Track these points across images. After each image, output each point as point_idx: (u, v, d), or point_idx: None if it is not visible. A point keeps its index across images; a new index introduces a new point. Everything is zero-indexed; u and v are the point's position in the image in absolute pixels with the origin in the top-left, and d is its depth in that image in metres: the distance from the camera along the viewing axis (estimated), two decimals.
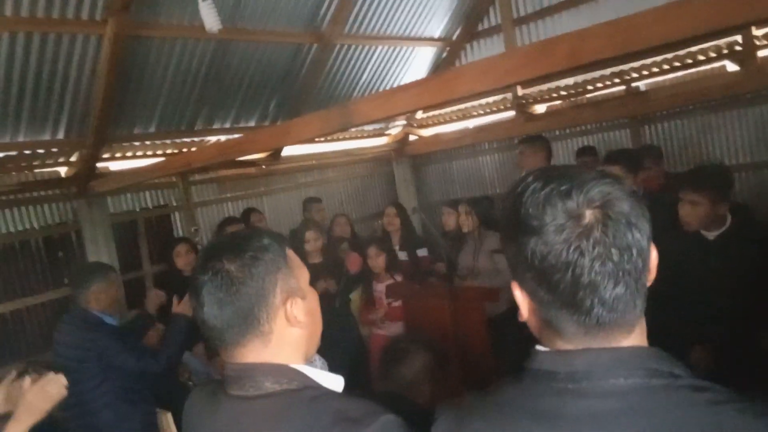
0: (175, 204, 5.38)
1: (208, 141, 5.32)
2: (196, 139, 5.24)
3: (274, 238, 1.15)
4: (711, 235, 2.65)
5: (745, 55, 4.69)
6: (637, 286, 0.79)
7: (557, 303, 0.81)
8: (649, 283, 0.83)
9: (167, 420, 3.00)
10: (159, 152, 5.07)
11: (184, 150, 5.19)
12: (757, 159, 5.05)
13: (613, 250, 0.77)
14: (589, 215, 0.78)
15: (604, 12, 5.20)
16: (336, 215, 5.49)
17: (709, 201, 2.58)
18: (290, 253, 1.16)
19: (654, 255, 0.83)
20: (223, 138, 5.31)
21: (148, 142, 4.93)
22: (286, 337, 1.10)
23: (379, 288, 4.39)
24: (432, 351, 2.28)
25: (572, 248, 0.77)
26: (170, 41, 4.33)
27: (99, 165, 4.73)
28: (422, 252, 5.04)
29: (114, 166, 4.91)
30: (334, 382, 1.12)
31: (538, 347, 0.87)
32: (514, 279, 0.88)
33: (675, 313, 2.51)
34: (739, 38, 4.64)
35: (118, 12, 3.76)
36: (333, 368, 2.25)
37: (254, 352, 1.08)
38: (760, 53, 4.68)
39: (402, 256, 4.91)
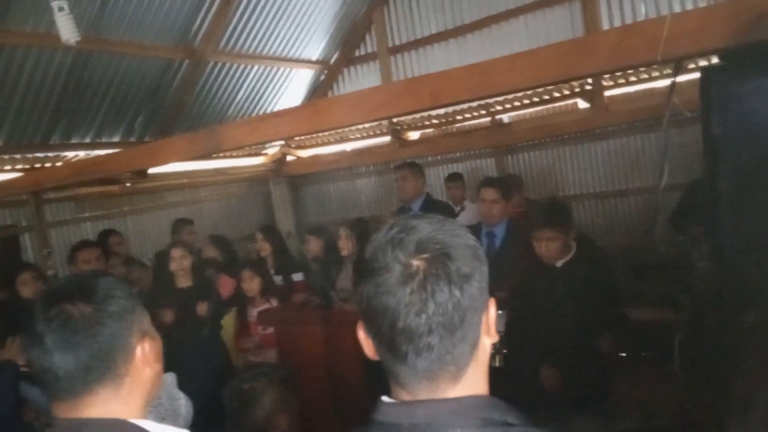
0: (24, 224, 4.91)
1: (66, 156, 4.94)
2: (51, 154, 4.85)
3: (117, 278, 1.12)
4: (559, 262, 2.87)
5: (594, 94, 5.18)
6: (454, 339, 0.82)
7: (382, 347, 0.84)
8: (492, 339, 0.88)
9: None
10: (8, 167, 4.62)
11: (37, 165, 4.77)
12: (604, 189, 5.56)
13: (429, 303, 0.80)
14: (415, 265, 0.81)
15: (471, 47, 5.53)
16: (206, 237, 5.29)
17: (563, 234, 2.81)
18: (133, 293, 1.12)
19: (491, 312, 0.88)
20: (82, 154, 4.96)
21: None
22: (139, 380, 1.05)
23: (254, 313, 4.27)
24: (275, 380, 2.26)
25: (391, 294, 0.80)
26: (23, 49, 4.00)
27: None
28: (297, 276, 4.97)
29: None
30: None
31: (384, 398, 0.89)
32: (360, 319, 0.89)
33: (527, 335, 2.70)
34: (589, 79, 5.12)
35: None
36: (198, 400, 2.16)
37: (103, 401, 1.02)
38: (608, 93, 5.19)
39: (278, 280, 4.82)
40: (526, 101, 5.45)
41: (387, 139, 6.32)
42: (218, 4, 4.79)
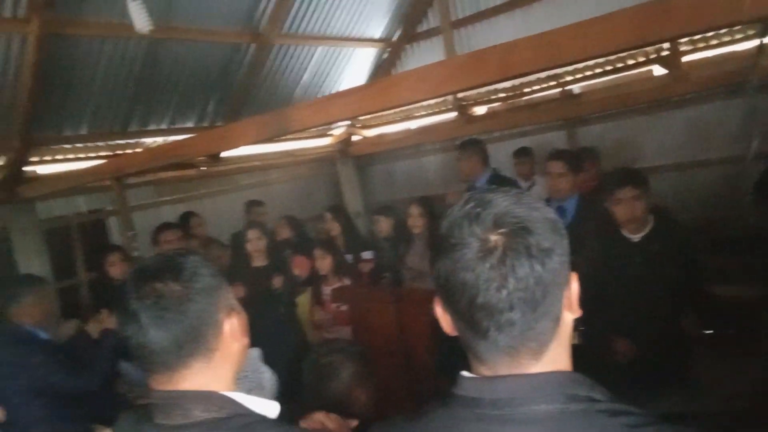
0: (110, 208, 5.20)
1: (144, 143, 5.17)
2: (130, 140, 5.08)
3: (200, 256, 1.14)
4: (635, 237, 2.76)
5: (671, 60, 4.90)
6: (536, 315, 0.80)
7: (461, 323, 0.84)
8: (574, 314, 0.86)
9: None
10: (92, 155, 4.89)
11: (118, 152, 5.02)
12: (683, 160, 5.29)
13: (510, 279, 0.78)
14: (493, 240, 0.80)
15: (537, 18, 5.35)
16: (280, 218, 5.42)
17: (645, 194, 2.70)
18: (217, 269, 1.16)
19: (574, 287, 0.86)
20: (159, 140, 5.17)
21: (79, 145, 4.74)
22: (228, 353, 1.10)
23: (327, 291, 4.36)
24: (352, 356, 2.30)
25: (469, 270, 0.80)
26: (99, 40, 4.18)
27: (27, 169, 4.52)
28: (367, 255, 5.03)
29: (43, 169, 4.70)
30: (268, 408, 1.10)
31: (464, 373, 0.89)
32: (437, 295, 0.90)
33: (601, 311, 2.62)
34: (665, 44, 4.85)
35: (42, 9, 3.61)
36: (276, 375, 2.24)
37: (195, 374, 1.06)
38: (685, 58, 4.90)
39: (348, 259, 4.89)
40: (598, 70, 5.23)
41: (453, 115, 6.24)
42: None
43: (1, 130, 4.16)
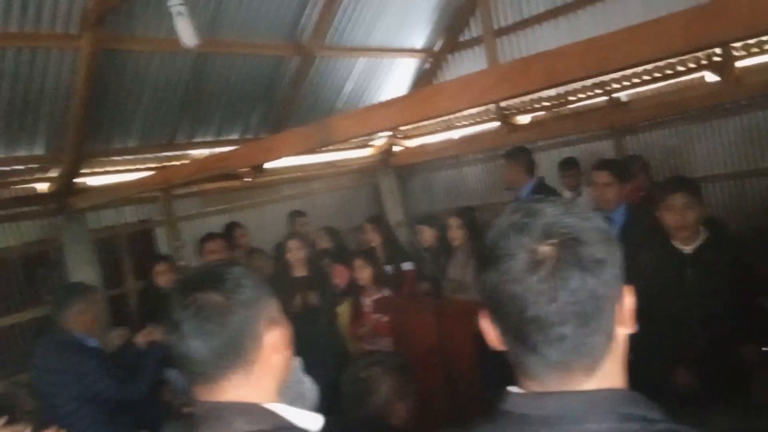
0: (157, 219, 5.32)
1: (191, 155, 5.28)
2: (177, 152, 5.20)
3: (244, 267, 1.14)
4: (687, 248, 2.65)
5: (723, 66, 4.74)
6: (588, 330, 0.77)
7: (509, 337, 0.81)
8: (627, 330, 0.82)
9: None
10: (140, 166, 5.03)
11: (165, 164, 5.14)
12: (737, 168, 5.09)
13: (561, 292, 0.75)
14: (543, 251, 0.76)
15: (583, 24, 5.25)
16: (319, 229, 5.45)
17: (699, 202, 2.60)
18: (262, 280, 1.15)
19: (628, 301, 0.82)
20: (205, 152, 5.28)
21: (128, 157, 4.88)
22: (268, 366, 1.08)
23: (367, 302, 4.35)
24: (392, 369, 2.27)
25: (518, 282, 0.77)
26: (147, 55, 4.30)
27: (78, 180, 4.67)
28: (407, 266, 5.00)
29: (93, 181, 4.85)
30: (310, 421, 1.09)
31: (511, 388, 0.85)
32: (484, 309, 0.87)
33: (654, 328, 2.52)
34: (718, 49, 4.69)
35: (93, 26, 3.73)
36: (317, 386, 2.23)
37: (235, 386, 1.06)
38: (738, 64, 4.73)
39: (388, 270, 4.87)
40: (647, 77, 5.09)
41: (495, 124, 6.17)
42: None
43: (54, 144, 4.32)
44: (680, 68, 4.94)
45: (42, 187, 4.63)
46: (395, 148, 7.12)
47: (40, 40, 3.72)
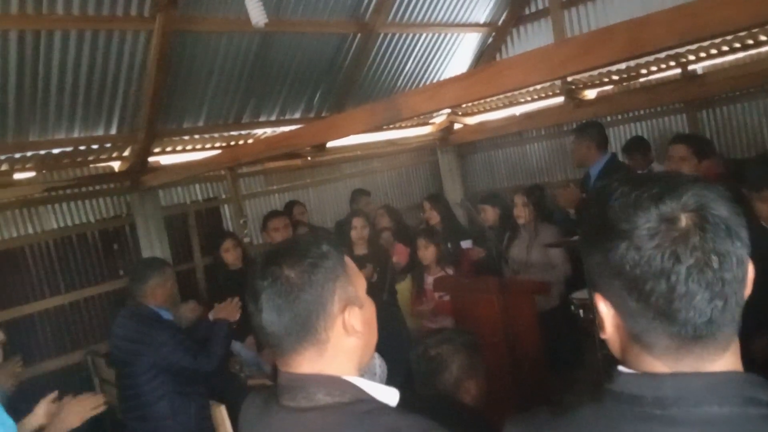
0: (224, 196, 5.46)
1: (255, 134, 5.37)
2: (243, 131, 5.29)
3: (333, 245, 1.13)
4: None
5: None
6: (737, 299, 0.74)
7: (649, 314, 0.76)
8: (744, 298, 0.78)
9: (221, 413, 3.06)
10: (207, 145, 5.15)
11: (232, 143, 5.25)
12: None
13: (713, 257, 0.71)
14: (684, 219, 0.73)
15: None
16: (379, 207, 5.47)
17: None
18: (348, 260, 1.15)
19: (751, 269, 0.77)
20: (269, 131, 5.35)
21: (197, 136, 5.01)
22: (342, 346, 1.08)
23: (429, 280, 4.35)
24: (462, 347, 2.26)
25: (667, 254, 0.72)
26: (217, 35, 4.37)
27: (150, 159, 4.84)
28: (466, 244, 4.96)
29: (165, 159, 5.01)
30: (388, 395, 1.09)
31: (621, 368, 0.82)
32: (596, 291, 0.83)
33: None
34: None
35: (166, 8, 3.82)
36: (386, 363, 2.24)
37: (309, 361, 1.07)
38: None
39: (447, 248, 4.85)
40: (725, 48, 4.80)
41: (560, 99, 5.99)
42: None
43: (128, 124, 4.47)
44: (762, 37, 4.64)
45: (117, 165, 4.82)
46: (455, 126, 7.03)
47: (115, 23, 3.83)
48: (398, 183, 6.93)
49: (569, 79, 5.69)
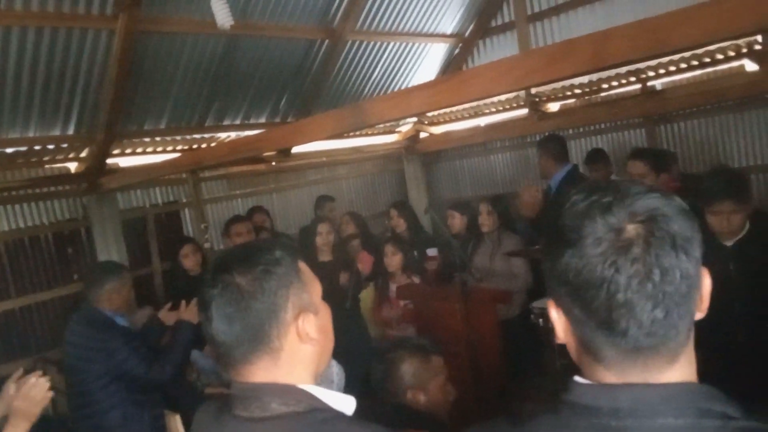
0: (184, 200, 5.36)
1: (219, 137, 5.29)
2: (206, 135, 5.20)
3: (287, 250, 1.10)
4: (729, 241, 2.58)
5: (764, 55, 4.60)
6: (679, 312, 0.74)
7: (592, 322, 0.76)
8: (701, 314, 0.78)
9: (175, 422, 2.98)
10: (169, 148, 5.05)
11: (194, 146, 5.16)
12: None
13: (655, 270, 0.72)
14: (630, 230, 0.73)
15: (620, 10, 5.12)
16: (344, 214, 5.44)
17: (746, 206, 2.52)
18: (303, 266, 1.12)
19: (707, 283, 0.78)
20: (233, 135, 5.28)
21: (158, 138, 4.90)
22: (296, 354, 1.06)
23: (394, 288, 4.33)
24: (414, 353, 2.24)
25: (608, 263, 0.73)
26: (181, 36, 4.30)
27: (109, 161, 4.71)
28: (432, 251, 4.97)
29: (124, 162, 4.89)
30: (345, 404, 1.07)
31: (577, 379, 0.82)
32: (550, 296, 0.83)
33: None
34: (759, 37, 4.55)
35: (129, 7, 3.73)
36: (345, 372, 2.22)
37: (263, 371, 1.04)
38: None
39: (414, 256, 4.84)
40: (683, 65, 4.96)
41: (524, 111, 6.08)
42: None
43: (87, 124, 4.35)
44: (719, 56, 4.81)
45: (73, 167, 4.68)
46: (421, 135, 7.06)
47: (76, 21, 3.73)
48: (363, 190, 6.92)
49: (533, 91, 5.79)
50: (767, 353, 2.49)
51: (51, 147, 4.37)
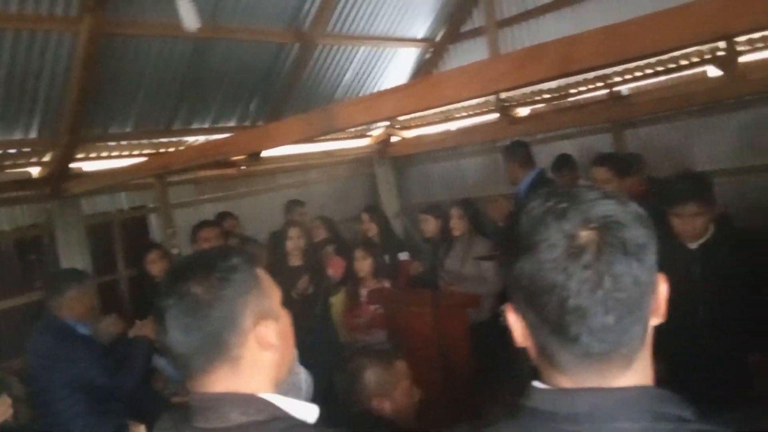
0: (151, 205, 5.25)
1: (187, 141, 5.21)
2: (174, 139, 5.12)
3: (244, 257, 1.09)
4: (693, 244, 2.62)
5: (727, 61, 4.71)
6: (632, 318, 0.74)
7: (545, 328, 0.77)
8: (658, 320, 0.79)
9: None
10: (135, 152, 4.95)
11: (162, 150, 5.07)
12: (739, 165, 5.07)
13: (606, 277, 0.72)
14: (583, 236, 0.73)
15: (588, 16, 5.20)
16: (315, 218, 5.40)
17: (709, 209, 2.56)
18: (261, 272, 1.10)
19: (663, 289, 0.79)
20: (201, 138, 5.21)
21: (124, 142, 4.81)
22: (257, 362, 1.04)
23: (364, 293, 4.31)
24: (377, 359, 2.22)
25: (560, 269, 0.73)
26: (147, 39, 4.23)
27: (73, 165, 4.60)
28: (403, 256, 4.97)
29: (89, 166, 4.78)
30: (306, 412, 1.06)
31: (536, 384, 0.82)
32: (508, 301, 0.84)
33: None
34: (721, 44, 4.66)
35: (94, 9, 3.66)
36: (313, 378, 2.18)
37: (222, 380, 1.02)
38: (742, 59, 4.70)
39: (384, 260, 4.83)
40: (649, 71, 5.06)
41: (494, 116, 6.13)
42: None
43: (50, 128, 4.23)
44: (683, 62, 4.91)
45: (36, 171, 4.55)
46: (393, 139, 7.07)
47: (39, 23, 3.64)
48: (334, 194, 6.87)
49: (503, 96, 5.84)
50: (730, 356, 2.54)
51: (12, 151, 4.26)
